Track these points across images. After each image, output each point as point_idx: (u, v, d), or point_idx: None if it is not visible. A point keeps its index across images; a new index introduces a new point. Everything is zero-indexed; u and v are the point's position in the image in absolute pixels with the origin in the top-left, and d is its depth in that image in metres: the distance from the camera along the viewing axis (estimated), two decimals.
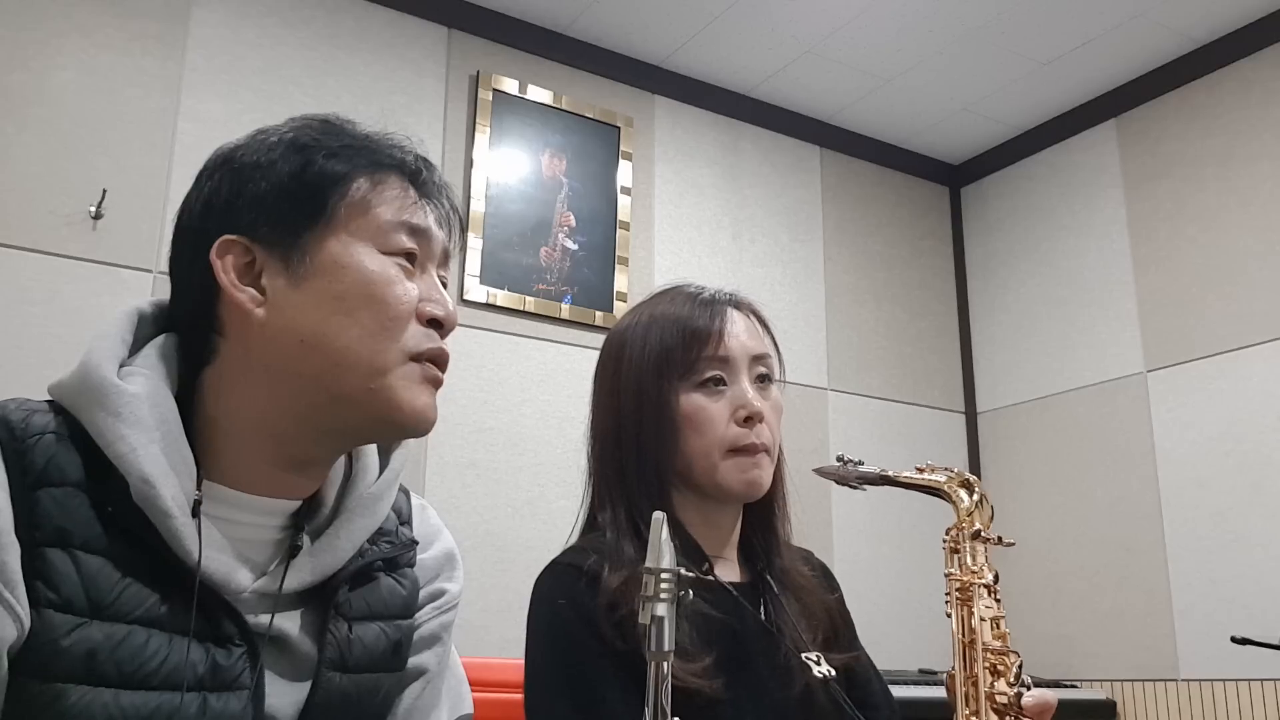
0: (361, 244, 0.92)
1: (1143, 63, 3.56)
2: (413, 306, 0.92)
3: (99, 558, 0.82)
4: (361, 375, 0.90)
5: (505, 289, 3.15)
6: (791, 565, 1.33)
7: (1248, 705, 3.08)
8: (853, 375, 3.78)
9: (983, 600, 1.19)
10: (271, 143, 0.94)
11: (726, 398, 1.26)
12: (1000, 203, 4.08)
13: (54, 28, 2.68)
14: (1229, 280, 3.32)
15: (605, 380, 1.34)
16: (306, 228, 0.91)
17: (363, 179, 0.93)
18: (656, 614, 0.77)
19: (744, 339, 1.29)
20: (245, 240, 0.91)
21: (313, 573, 0.92)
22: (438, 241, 0.97)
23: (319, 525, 0.95)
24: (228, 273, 0.90)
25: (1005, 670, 1.15)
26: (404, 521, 1.04)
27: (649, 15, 3.35)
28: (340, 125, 0.98)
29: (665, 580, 0.77)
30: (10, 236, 2.53)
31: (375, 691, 0.97)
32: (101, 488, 0.83)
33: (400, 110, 3.09)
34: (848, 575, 1.49)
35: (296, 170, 0.92)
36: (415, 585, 1.02)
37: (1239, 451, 3.21)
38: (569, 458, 3.14)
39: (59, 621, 0.79)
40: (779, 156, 3.83)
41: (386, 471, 1.01)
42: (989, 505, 1.26)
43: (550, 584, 1.23)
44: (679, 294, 1.34)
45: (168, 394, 0.88)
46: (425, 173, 0.98)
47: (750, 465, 1.25)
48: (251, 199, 0.92)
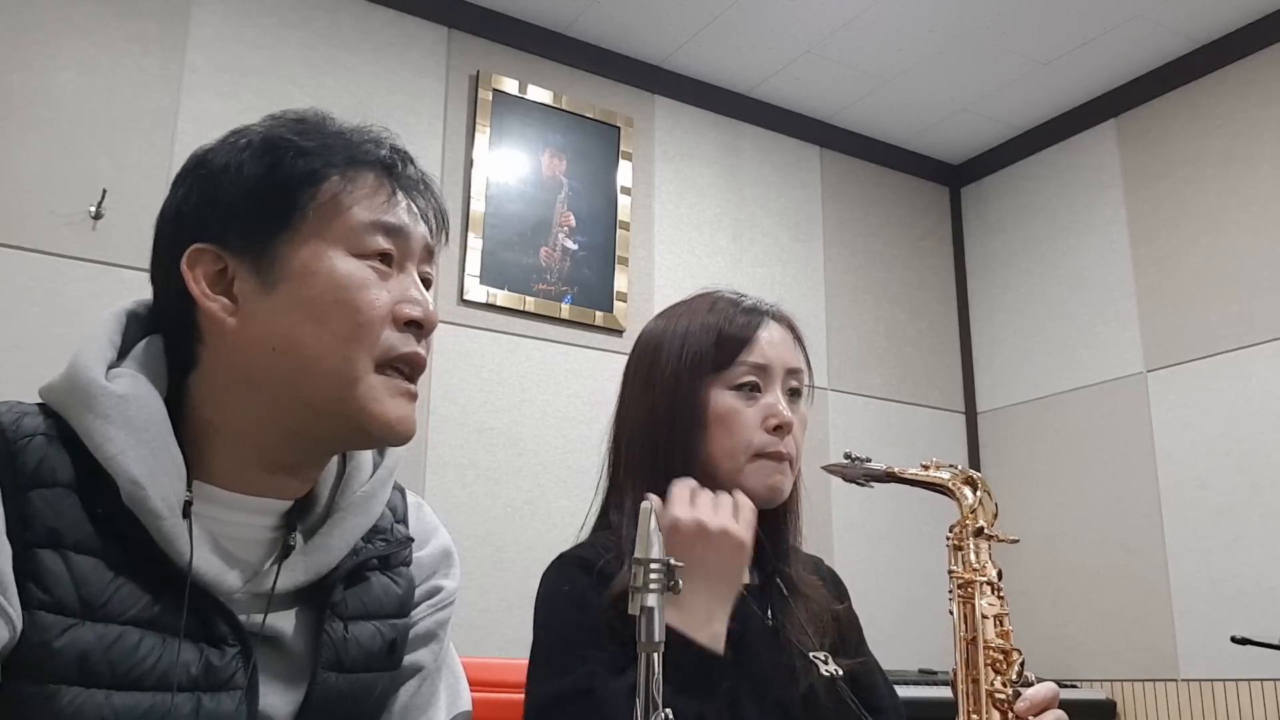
0: (333, 248, 0.89)
1: (1143, 63, 3.56)
2: (387, 310, 0.90)
3: (91, 558, 0.82)
4: (332, 385, 0.88)
5: (505, 289, 3.15)
6: (800, 571, 1.34)
7: (1248, 705, 3.08)
8: (853, 375, 3.78)
9: (985, 598, 1.19)
10: (242, 145, 0.93)
11: (759, 405, 1.28)
12: (1000, 203, 4.08)
13: (54, 28, 2.68)
14: (1229, 280, 3.32)
15: (640, 375, 1.34)
16: (276, 234, 0.89)
17: (334, 178, 0.91)
18: (646, 604, 0.77)
19: (782, 350, 1.32)
20: (215, 248, 0.90)
21: (306, 572, 0.92)
22: (417, 238, 0.94)
23: (312, 524, 0.95)
24: (198, 282, 0.89)
25: (1007, 668, 1.15)
26: (399, 519, 1.04)
27: (649, 15, 3.35)
28: (315, 121, 0.95)
29: (655, 570, 0.78)
30: (10, 236, 2.53)
31: (371, 691, 0.96)
32: (92, 489, 0.83)
33: (400, 110, 3.10)
34: (848, 575, 1.49)
35: (264, 173, 0.91)
36: (411, 584, 1.02)
37: (1239, 451, 3.21)
38: (569, 458, 3.15)
39: (51, 623, 0.79)
40: (779, 156, 3.83)
41: (380, 470, 1.00)
42: (993, 502, 1.26)
43: (556, 575, 1.25)
44: (720, 299, 1.35)
45: (156, 396, 0.88)
46: (401, 166, 0.95)
47: (775, 471, 1.27)
48: (221, 207, 0.91)
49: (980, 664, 1.16)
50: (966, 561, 1.22)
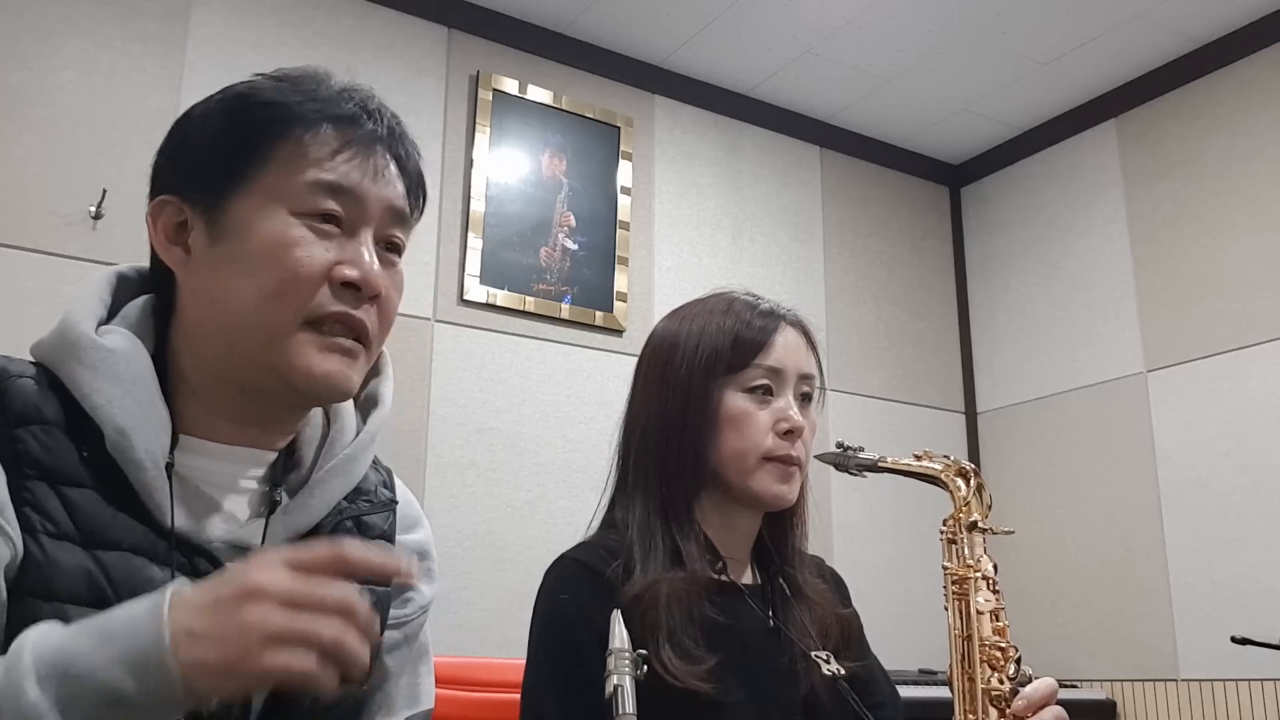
0: (275, 205, 0.89)
1: (1142, 63, 3.56)
2: (322, 269, 0.89)
3: (87, 490, 0.84)
4: (258, 339, 0.89)
5: (505, 289, 3.15)
6: (803, 574, 1.34)
7: (1248, 705, 3.08)
8: (853, 375, 3.78)
9: (981, 593, 1.17)
10: (217, 99, 0.95)
11: (771, 408, 1.29)
12: (1000, 203, 4.08)
13: (54, 28, 2.68)
14: (1229, 280, 3.32)
15: (653, 374, 1.34)
16: (229, 188, 0.90)
17: (296, 134, 0.91)
18: (616, 683, 0.87)
19: (796, 355, 1.33)
20: (177, 200, 0.92)
21: (286, 530, 0.93)
22: (374, 200, 0.92)
23: (296, 484, 0.96)
24: (159, 233, 0.92)
25: (1003, 664, 1.14)
26: (386, 485, 1.06)
27: (649, 15, 3.35)
28: (296, 78, 0.95)
29: (625, 659, 0.88)
30: (10, 236, 2.53)
31: None
32: (79, 434, 0.85)
33: (400, 110, 3.05)
34: (848, 575, 1.49)
35: (224, 126, 0.92)
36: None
37: (1239, 451, 3.21)
38: (569, 458, 3.15)
39: (53, 546, 0.81)
40: (779, 156, 3.83)
41: (363, 434, 1.01)
42: (987, 494, 1.24)
43: (556, 578, 1.24)
44: (736, 300, 1.36)
45: (144, 352, 0.90)
46: (371, 125, 0.94)
47: (784, 475, 1.28)
48: (184, 160, 0.93)
49: (976, 661, 1.14)
50: (961, 556, 1.20)
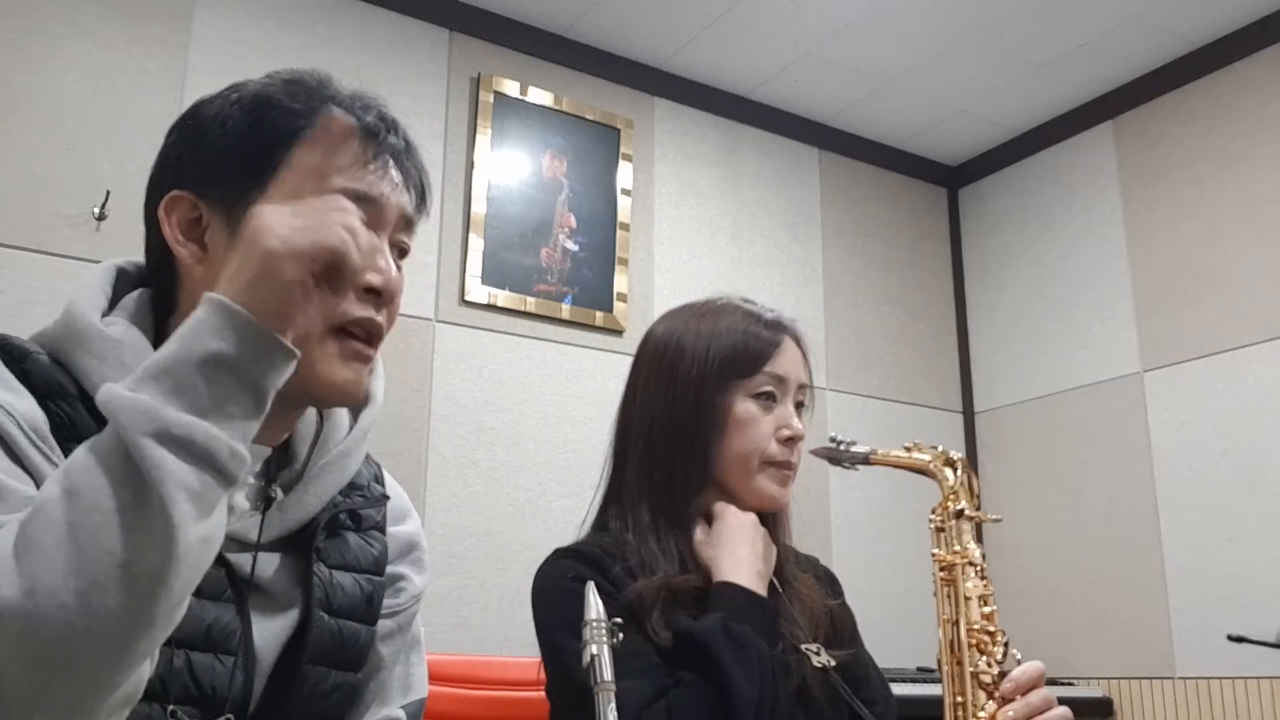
0: None
1: (1139, 64, 3.57)
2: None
3: None
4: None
5: (506, 289, 3.17)
6: (793, 569, 1.37)
7: (1244, 703, 3.09)
8: (851, 375, 3.80)
9: (969, 580, 1.21)
10: (233, 99, 0.96)
11: (774, 414, 1.34)
12: (998, 204, 4.10)
13: (57, 29, 2.70)
14: (1225, 280, 3.34)
15: (659, 375, 1.37)
16: (250, 189, 0.91)
17: (315, 139, 0.92)
18: (594, 652, 0.88)
19: (798, 366, 1.38)
20: (193, 196, 0.93)
21: (282, 525, 0.95)
22: (392, 208, 0.95)
23: (290, 480, 0.98)
24: (172, 228, 0.93)
25: (991, 648, 1.17)
26: (378, 480, 1.08)
27: (649, 18, 3.36)
28: (308, 82, 0.97)
29: (600, 629, 0.91)
30: (14, 237, 2.55)
31: (355, 639, 0.99)
32: (94, 414, 0.85)
33: (401, 112, 3.07)
34: (846, 574, 1.51)
35: (246, 129, 0.93)
36: (385, 547, 1.05)
37: (1235, 451, 3.23)
38: (569, 457, 3.16)
39: None
40: (778, 158, 3.84)
41: (355, 430, 1.03)
42: (975, 483, 1.28)
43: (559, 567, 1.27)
44: (738, 308, 1.40)
45: (146, 343, 0.91)
46: (386, 134, 0.96)
47: (781, 480, 1.34)
48: (203, 157, 0.94)
49: (965, 646, 1.17)
50: (949, 544, 1.24)
